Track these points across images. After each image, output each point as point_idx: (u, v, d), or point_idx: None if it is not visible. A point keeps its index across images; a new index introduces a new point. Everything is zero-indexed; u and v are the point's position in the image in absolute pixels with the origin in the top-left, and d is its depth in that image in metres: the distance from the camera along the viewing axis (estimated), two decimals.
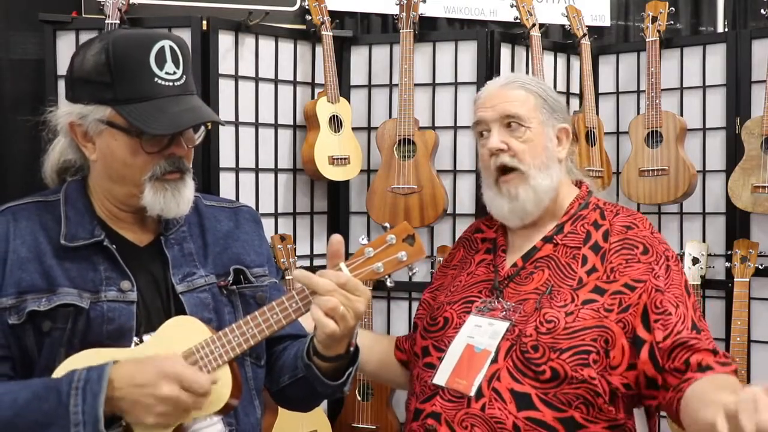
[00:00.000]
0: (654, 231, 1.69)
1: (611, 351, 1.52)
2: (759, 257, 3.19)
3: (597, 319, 1.54)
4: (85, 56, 1.40)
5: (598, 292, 1.58)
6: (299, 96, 3.43)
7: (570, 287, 1.59)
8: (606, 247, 1.63)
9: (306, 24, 3.49)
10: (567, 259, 1.63)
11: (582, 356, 1.51)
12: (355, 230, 3.58)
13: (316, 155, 3.25)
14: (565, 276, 1.61)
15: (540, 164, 1.67)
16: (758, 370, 3.30)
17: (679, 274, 1.62)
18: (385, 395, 3.40)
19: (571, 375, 1.50)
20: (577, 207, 1.71)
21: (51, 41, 3.10)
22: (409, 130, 3.31)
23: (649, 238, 1.65)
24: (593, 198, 1.76)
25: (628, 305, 1.56)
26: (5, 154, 3.41)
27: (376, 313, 3.51)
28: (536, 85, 1.72)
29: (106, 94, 1.39)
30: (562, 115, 1.73)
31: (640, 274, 1.59)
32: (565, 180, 1.75)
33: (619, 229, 1.67)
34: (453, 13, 3.88)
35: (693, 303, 1.61)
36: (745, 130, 3.21)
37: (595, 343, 1.51)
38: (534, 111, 1.69)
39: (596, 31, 3.82)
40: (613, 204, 1.76)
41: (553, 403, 1.50)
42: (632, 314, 1.55)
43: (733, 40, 3.40)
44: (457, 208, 3.45)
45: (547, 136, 1.69)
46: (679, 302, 1.57)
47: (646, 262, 1.60)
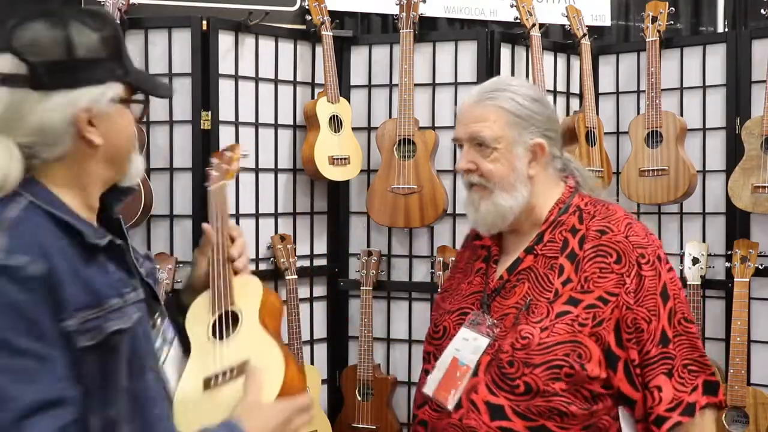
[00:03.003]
0: (631, 231, 1.61)
1: (587, 364, 1.53)
2: (759, 257, 3.18)
3: (571, 334, 1.54)
4: (75, 33, 1.26)
5: (572, 303, 1.57)
6: (299, 96, 3.43)
7: (547, 300, 1.58)
8: (581, 255, 1.60)
9: (306, 24, 3.50)
10: (545, 269, 1.62)
11: (554, 371, 1.53)
12: (355, 230, 3.59)
13: (316, 155, 3.25)
14: (543, 289, 1.60)
15: (506, 185, 1.65)
16: (758, 370, 3.30)
17: (654, 279, 1.57)
18: (385, 395, 3.40)
19: (543, 389, 1.53)
20: (557, 213, 1.66)
21: None
22: (409, 130, 3.31)
23: (623, 244, 1.59)
24: (576, 198, 1.68)
25: (601, 320, 1.55)
26: None
27: (376, 313, 3.52)
28: (510, 98, 1.64)
29: (118, 70, 1.30)
30: (541, 127, 1.64)
31: (613, 286, 1.56)
32: (546, 185, 1.68)
33: (593, 234, 1.62)
34: (453, 13, 3.88)
35: (673, 306, 1.58)
36: (745, 130, 3.21)
37: (567, 358, 1.53)
38: (503, 129, 1.64)
39: (596, 31, 3.82)
40: (594, 202, 1.69)
41: (525, 414, 1.54)
42: (606, 329, 1.54)
43: (733, 40, 3.40)
44: (457, 208, 3.45)
45: (516, 156, 1.64)
46: (652, 316, 1.56)
47: (618, 273, 1.57)
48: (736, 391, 3.11)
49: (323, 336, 3.56)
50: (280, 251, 3.25)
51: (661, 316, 1.56)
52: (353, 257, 3.55)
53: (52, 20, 1.27)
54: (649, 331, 1.55)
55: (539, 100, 1.68)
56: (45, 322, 1.14)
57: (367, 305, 3.41)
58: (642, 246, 1.60)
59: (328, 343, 3.57)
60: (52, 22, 1.26)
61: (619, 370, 1.55)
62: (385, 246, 3.54)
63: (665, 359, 1.55)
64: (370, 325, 3.40)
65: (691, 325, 1.60)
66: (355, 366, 3.43)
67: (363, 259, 3.45)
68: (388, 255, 3.54)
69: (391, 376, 3.47)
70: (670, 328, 1.57)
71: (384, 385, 3.41)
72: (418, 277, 3.53)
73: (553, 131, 1.68)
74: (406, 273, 3.54)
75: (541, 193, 1.68)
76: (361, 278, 3.43)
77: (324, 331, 3.56)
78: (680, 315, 1.58)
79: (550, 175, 1.69)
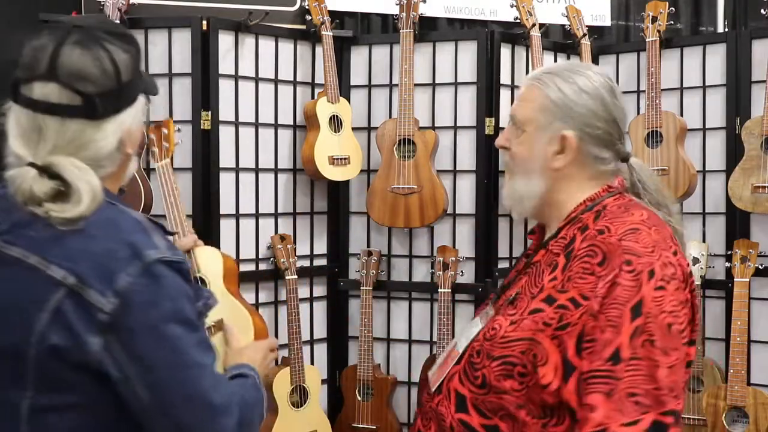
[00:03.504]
0: (630, 237, 1.44)
1: (541, 368, 1.41)
2: (759, 257, 3.18)
3: (532, 332, 1.43)
4: (118, 59, 1.32)
5: (547, 302, 1.45)
6: (299, 96, 3.43)
7: (531, 295, 1.50)
8: (574, 253, 1.48)
9: (306, 24, 3.49)
10: (545, 265, 1.53)
11: (507, 367, 1.45)
12: (355, 230, 3.59)
13: (316, 155, 3.25)
14: (533, 284, 1.52)
15: (523, 170, 1.58)
16: (758, 370, 3.30)
17: (631, 290, 1.39)
18: (385, 395, 3.40)
19: (494, 384, 1.46)
20: (581, 210, 1.55)
21: None
22: (409, 130, 3.31)
23: (612, 246, 1.43)
24: (610, 199, 1.55)
25: (567, 323, 1.41)
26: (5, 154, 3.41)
27: (376, 313, 3.52)
28: (558, 84, 1.55)
29: (141, 84, 1.39)
30: (578, 120, 1.53)
31: (588, 289, 1.41)
32: (577, 183, 1.57)
33: (592, 233, 1.48)
34: (453, 13, 3.88)
35: (642, 325, 1.37)
36: (745, 130, 3.21)
37: (522, 356, 1.43)
38: (535, 112, 1.56)
39: (596, 31, 3.82)
40: (625, 205, 1.53)
41: (481, 408, 1.48)
42: (569, 334, 1.40)
43: (733, 40, 3.40)
44: (457, 208, 3.45)
45: (539, 143, 1.55)
46: (608, 326, 1.37)
47: (597, 276, 1.42)
48: (736, 391, 3.11)
49: (323, 336, 3.56)
50: (280, 251, 3.25)
51: (621, 330, 1.36)
52: (353, 257, 3.55)
53: (91, 47, 1.31)
54: (601, 341, 1.37)
55: (591, 93, 1.54)
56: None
57: (367, 305, 3.41)
58: (635, 254, 1.42)
59: (328, 343, 3.57)
60: (92, 50, 1.30)
61: (571, 381, 1.39)
62: (385, 246, 3.54)
63: (608, 378, 1.36)
64: (370, 325, 3.40)
65: (658, 352, 1.36)
66: (355, 366, 3.43)
67: (363, 259, 3.45)
68: (388, 255, 3.54)
69: (391, 376, 3.47)
70: (628, 347, 1.36)
71: (384, 385, 3.41)
72: (418, 277, 3.53)
73: (595, 128, 1.53)
74: (406, 273, 3.54)
75: (568, 189, 1.57)
76: (361, 278, 3.43)
77: (324, 331, 3.56)
78: (647, 336, 1.36)
79: (588, 175, 1.57)
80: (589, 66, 1.61)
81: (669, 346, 1.38)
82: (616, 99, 1.56)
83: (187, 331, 1.31)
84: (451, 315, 3.31)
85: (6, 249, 1.29)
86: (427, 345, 3.50)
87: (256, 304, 3.29)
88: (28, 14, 3.26)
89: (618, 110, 1.56)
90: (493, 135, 3.39)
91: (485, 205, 3.38)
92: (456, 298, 3.39)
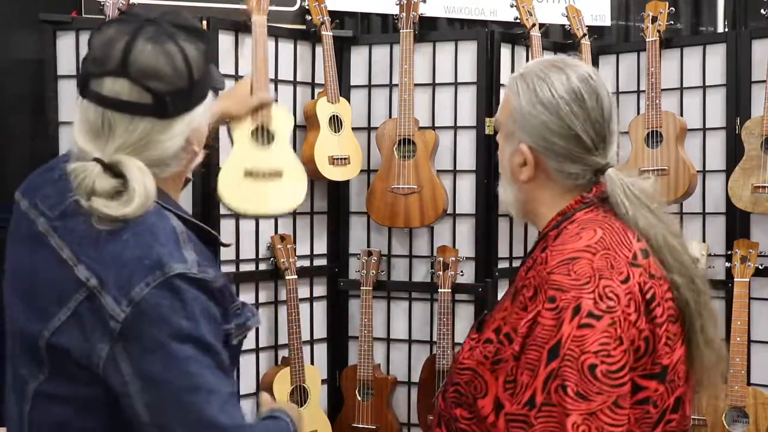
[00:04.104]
0: (562, 269, 1.32)
1: (480, 400, 1.36)
2: (759, 257, 3.18)
3: (478, 363, 1.38)
4: (190, 56, 1.28)
5: (496, 332, 1.39)
6: (299, 96, 3.43)
7: (492, 320, 1.44)
8: (524, 283, 1.38)
9: (306, 24, 3.50)
10: (514, 287, 1.44)
11: (457, 396, 1.41)
12: (355, 230, 3.59)
13: (316, 155, 3.25)
14: (501, 307, 1.45)
15: (502, 175, 1.52)
16: (758, 370, 3.30)
17: (550, 329, 1.28)
18: (385, 395, 3.40)
19: (450, 410, 1.43)
20: (553, 224, 1.44)
21: (51, 41, 3.10)
22: (409, 130, 3.31)
23: (543, 279, 1.33)
24: (580, 213, 1.42)
25: (500, 358, 1.35)
26: (5, 154, 3.41)
27: (377, 313, 3.52)
28: (519, 88, 1.43)
29: (210, 80, 1.36)
30: (533, 134, 1.41)
31: (520, 326, 1.33)
32: (550, 194, 1.45)
33: (540, 259, 1.37)
34: (453, 13, 3.88)
35: (557, 368, 1.26)
36: (745, 130, 3.21)
37: (467, 386, 1.39)
38: (506, 119, 1.46)
39: (596, 31, 3.82)
40: (585, 223, 1.39)
41: (449, 427, 1.45)
42: (501, 369, 1.34)
43: (733, 40, 3.40)
44: (457, 208, 3.45)
45: (506, 151, 1.47)
46: (526, 368, 1.29)
47: (528, 311, 1.33)
48: (736, 391, 3.11)
49: (323, 336, 3.56)
50: (280, 251, 3.25)
51: (538, 374, 1.28)
52: (353, 257, 3.55)
53: (164, 43, 1.27)
54: (520, 384, 1.30)
55: (547, 105, 1.39)
56: (220, 326, 1.30)
57: (367, 305, 3.41)
58: (561, 288, 1.29)
59: (328, 343, 3.57)
60: (165, 46, 1.27)
61: (500, 419, 1.33)
62: (385, 246, 3.54)
63: (523, 423, 1.29)
64: (370, 325, 3.40)
65: (570, 399, 1.25)
66: (355, 366, 3.43)
67: (363, 259, 3.45)
68: (388, 255, 3.54)
69: (391, 376, 3.47)
70: (542, 392, 1.27)
71: (384, 385, 3.41)
72: (418, 277, 3.53)
73: (551, 143, 1.40)
74: (406, 273, 3.54)
75: (544, 201, 1.46)
76: (361, 278, 3.43)
77: (324, 331, 3.56)
78: (560, 381, 1.26)
79: (561, 188, 1.44)
80: (565, 67, 1.42)
81: (589, 390, 1.25)
82: (580, 107, 1.39)
83: (201, 353, 1.23)
84: (451, 315, 3.31)
85: (49, 235, 1.28)
86: (427, 345, 3.50)
87: (256, 304, 3.29)
88: (28, 14, 3.26)
89: (583, 121, 1.39)
90: (493, 135, 3.40)
91: (485, 205, 3.38)
92: (456, 298, 3.39)
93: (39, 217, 1.31)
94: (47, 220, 1.29)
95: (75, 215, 1.25)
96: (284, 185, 3.05)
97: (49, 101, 3.09)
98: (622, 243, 1.36)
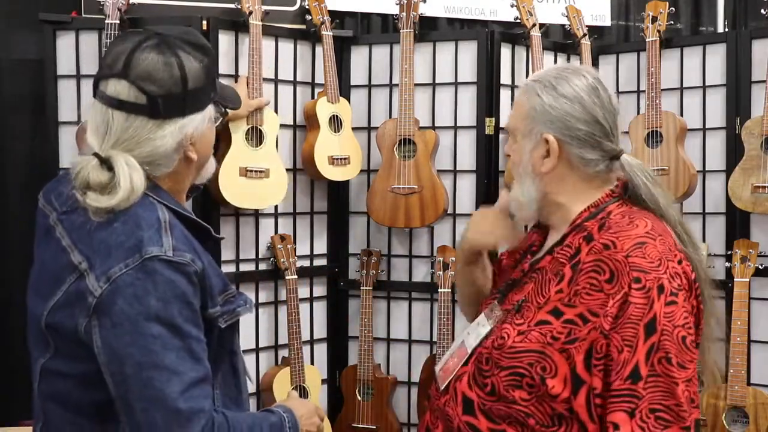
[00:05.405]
0: (637, 252, 1.46)
1: (549, 380, 1.45)
2: (759, 257, 3.19)
3: (541, 345, 1.47)
4: (187, 67, 1.41)
5: (554, 314, 1.49)
6: (299, 96, 3.43)
7: (537, 305, 1.53)
8: (580, 267, 1.49)
9: (306, 24, 3.49)
10: (551, 274, 1.55)
11: (515, 378, 1.48)
12: (355, 230, 3.59)
13: (316, 155, 3.25)
14: (540, 293, 1.54)
15: (518, 175, 1.63)
16: (758, 370, 3.30)
17: (643, 308, 1.41)
18: (385, 395, 3.40)
19: (503, 394, 1.49)
20: (585, 217, 1.57)
21: (51, 41, 3.10)
22: (410, 130, 3.31)
23: (620, 263, 1.45)
24: (613, 205, 1.57)
25: (575, 338, 1.45)
26: (5, 154, 3.41)
27: (377, 313, 3.52)
28: (537, 91, 1.59)
29: (212, 93, 1.48)
30: (557, 124, 1.56)
31: (597, 306, 1.44)
32: (577, 186, 1.59)
33: (599, 247, 1.49)
34: (453, 13, 3.88)
35: (657, 342, 1.40)
36: (745, 130, 3.21)
37: (531, 368, 1.47)
38: (522, 120, 1.61)
39: (596, 31, 3.82)
40: (628, 213, 1.55)
41: (489, 414, 1.51)
42: (577, 348, 1.44)
43: (733, 40, 3.40)
44: (457, 208, 3.45)
45: (526, 148, 1.60)
46: (625, 345, 1.40)
47: (607, 293, 1.44)
48: (736, 391, 3.11)
49: (323, 336, 3.56)
50: (280, 251, 3.25)
51: (637, 349, 1.40)
52: (353, 257, 3.55)
53: (164, 53, 1.41)
54: (618, 361, 1.41)
55: (569, 97, 1.56)
56: (198, 310, 1.38)
57: (367, 305, 3.41)
58: (642, 270, 1.44)
59: (328, 343, 3.57)
60: (165, 55, 1.41)
61: (580, 395, 1.44)
62: (385, 246, 3.54)
63: (630, 396, 1.40)
64: (370, 325, 3.40)
65: (675, 368, 1.40)
66: (355, 366, 3.43)
67: (363, 259, 3.45)
68: (388, 255, 3.54)
69: (391, 376, 3.47)
70: (645, 364, 1.40)
71: (384, 385, 3.41)
72: (418, 277, 3.53)
73: (576, 130, 1.55)
74: (406, 273, 3.54)
75: (565, 192, 1.59)
76: (361, 278, 3.43)
77: (324, 331, 3.56)
78: (663, 353, 1.40)
79: (580, 176, 1.58)
80: (578, 69, 1.61)
81: (685, 360, 1.42)
82: (598, 98, 1.57)
83: (170, 333, 1.32)
84: (451, 315, 3.31)
85: (57, 226, 1.42)
86: (427, 345, 3.50)
87: (256, 304, 3.29)
88: (28, 14, 3.26)
89: (602, 109, 1.57)
90: (493, 135, 3.40)
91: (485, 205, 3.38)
92: (456, 298, 3.39)
93: (52, 212, 1.45)
94: (57, 214, 1.44)
95: (77, 209, 1.39)
96: (270, 183, 3.15)
97: (49, 101, 3.09)
98: (666, 231, 1.54)
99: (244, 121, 3.06)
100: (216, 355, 1.45)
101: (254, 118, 3.07)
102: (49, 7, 3.23)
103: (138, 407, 1.31)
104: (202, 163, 1.53)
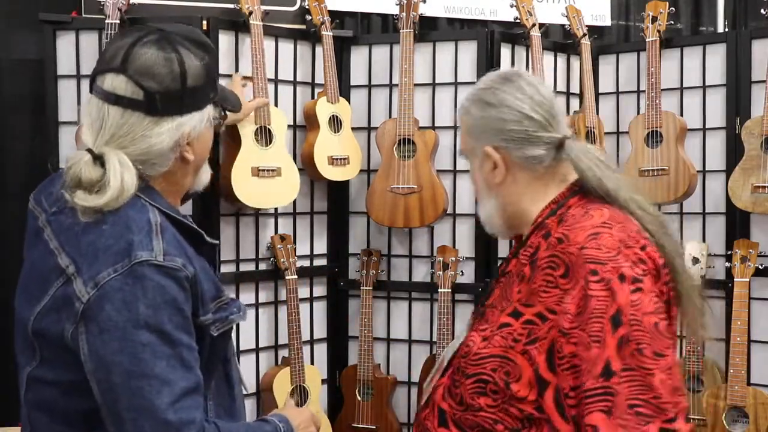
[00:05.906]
0: (591, 243, 1.39)
1: (514, 384, 1.40)
2: (759, 257, 3.18)
3: (503, 349, 1.42)
4: (187, 63, 1.37)
5: (514, 316, 1.43)
6: (299, 96, 3.43)
7: (501, 309, 1.48)
8: (537, 264, 1.43)
9: (306, 24, 3.49)
10: (514, 276, 1.50)
11: (479, 385, 1.44)
12: (355, 230, 3.58)
13: (316, 155, 3.25)
14: (505, 297, 1.49)
15: (478, 194, 1.62)
16: (758, 370, 3.30)
17: (605, 300, 1.34)
18: (385, 395, 3.40)
19: (469, 402, 1.45)
20: (546, 214, 1.52)
21: (51, 41, 3.10)
22: (409, 130, 3.31)
23: (574, 256, 1.38)
24: (573, 199, 1.51)
25: (535, 338, 1.39)
26: (5, 154, 3.41)
27: (376, 313, 3.52)
28: (467, 108, 1.58)
29: (212, 94, 1.44)
30: (491, 134, 1.53)
31: (554, 303, 1.38)
32: (532, 187, 1.54)
33: (553, 241, 1.43)
34: (453, 13, 3.88)
35: (627, 334, 1.33)
36: (745, 130, 3.21)
37: (494, 374, 1.42)
38: (464, 141, 1.60)
39: (596, 31, 3.82)
40: (585, 205, 1.49)
41: (460, 424, 1.48)
42: (538, 349, 1.39)
43: (733, 40, 3.40)
44: (457, 208, 3.45)
45: (476, 165, 1.59)
46: (593, 342, 1.33)
47: (563, 289, 1.38)
48: (736, 391, 3.11)
49: (323, 336, 3.56)
50: (280, 251, 3.25)
51: (606, 344, 1.32)
52: (353, 257, 3.55)
53: (164, 48, 1.37)
54: (588, 359, 1.33)
55: (494, 103, 1.54)
56: (190, 317, 1.32)
57: (366, 305, 3.41)
58: (597, 261, 1.37)
59: (328, 343, 3.57)
60: (165, 51, 1.37)
61: (547, 396, 1.38)
62: (385, 246, 3.54)
63: (605, 395, 1.32)
64: (370, 325, 3.40)
65: (650, 359, 1.32)
66: (355, 366, 3.43)
67: (363, 259, 3.45)
68: (388, 255, 3.54)
69: (391, 376, 3.47)
70: (617, 359, 1.32)
71: (384, 385, 3.41)
72: (418, 277, 3.53)
73: (509, 132, 1.52)
74: (406, 273, 3.54)
75: (526, 195, 1.55)
76: (361, 278, 3.43)
77: (324, 331, 3.56)
78: (634, 345, 1.32)
79: (538, 175, 1.53)
80: (502, 74, 1.58)
81: (661, 347, 1.34)
82: (522, 93, 1.52)
83: (160, 341, 1.27)
84: (451, 315, 3.31)
85: (45, 228, 1.38)
86: (427, 345, 3.50)
87: (256, 304, 3.29)
88: (28, 14, 3.26)
89: (529, 102, 1.51)
90: None
91: None
92: (456, 298, 3.39)
93: (42, 213, 1.41)
94: (46, 215, 1.39)
95: (66, 209, 1.34)
96: (283, 181, 3.14)
97: (49, 101, 3.09)
98: (627, 218, 1.46)
99: (253, 121, 3.04)
100: (208, 364, 1.40)
101: (262, 118, 3.05)
102: (49, 7, 3.23)
103: (126, 417, 1.26)
104: (198, 165, 1.47)
